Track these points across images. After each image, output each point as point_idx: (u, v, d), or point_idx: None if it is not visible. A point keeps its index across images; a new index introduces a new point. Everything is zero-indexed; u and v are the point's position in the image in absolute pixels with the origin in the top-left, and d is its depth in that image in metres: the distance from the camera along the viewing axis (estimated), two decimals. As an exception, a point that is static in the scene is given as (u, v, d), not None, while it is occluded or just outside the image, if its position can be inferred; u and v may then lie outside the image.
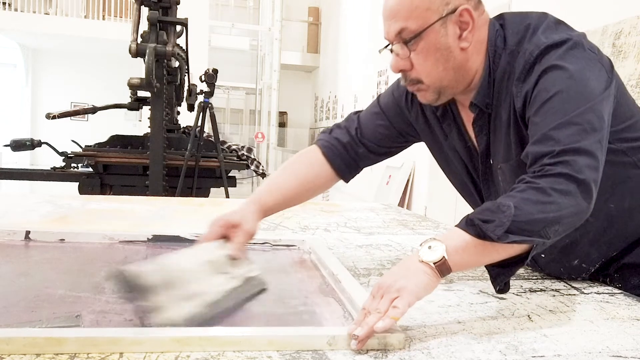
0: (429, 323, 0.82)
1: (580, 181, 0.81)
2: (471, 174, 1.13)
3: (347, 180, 1.23)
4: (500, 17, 1.02)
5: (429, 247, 0.78)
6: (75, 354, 0.65)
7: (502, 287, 0.85)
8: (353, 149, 1.19)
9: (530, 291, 1.02)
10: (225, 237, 0.97)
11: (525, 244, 0.79)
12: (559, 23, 0.98)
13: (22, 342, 0.65)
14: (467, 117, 1.07)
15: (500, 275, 0.84)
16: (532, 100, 0.91)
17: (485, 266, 0.85)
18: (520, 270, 1.17)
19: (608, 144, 0.93)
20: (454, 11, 0.94)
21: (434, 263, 0.77)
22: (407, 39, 0.95)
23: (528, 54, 0.93)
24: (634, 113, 1.01)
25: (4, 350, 0.64)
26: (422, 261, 0.77)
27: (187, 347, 0.68)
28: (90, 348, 0.65)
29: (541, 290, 1.03)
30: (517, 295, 0.99)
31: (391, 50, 0.99)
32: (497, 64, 0.98)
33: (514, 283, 1.07)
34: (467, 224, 0.80)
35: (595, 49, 0.94)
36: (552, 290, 1.03)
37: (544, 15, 0.99)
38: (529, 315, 0.88)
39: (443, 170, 1.22)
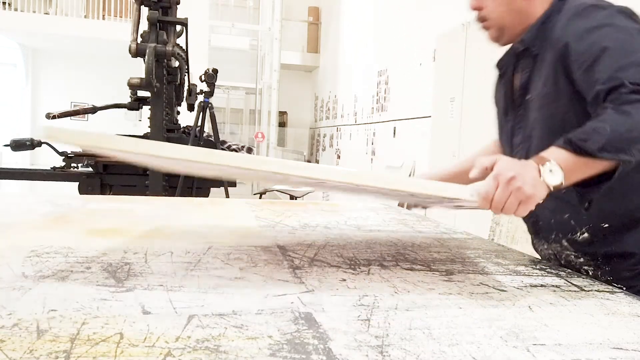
0: (431, 307, 0.84)
1: None
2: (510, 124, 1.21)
3: None
4: None
5: (550, 171, 0.88)
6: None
7: (588, 205, 1.02)
8: None
9: (531, 286, 1.02)
10: None
11: (616, 160, 0.90)
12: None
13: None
14: None
15: (590, 192, 0.97)
16: (584, 52, 0.99)
17: (575, 187, 0.95)
18: (521, 267, 1.18)
19: None
20: None
21: (553, 187, 0.89)
22: None
23: (574, 7, 1.05)
24: None
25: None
26: (544, 181, 0.88)
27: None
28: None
29: (542, 286, 1.03)
30: (517, 288, 0.99)
31: None
32: (556, 14, 1.09)
33: (514, 278, 1.07)
34: (566, 143, 0.90)
35: None
36: (553, 286, 1.03)
37: None
38: (529, 307, 0.88)
39: (499, 130, 1.31)
